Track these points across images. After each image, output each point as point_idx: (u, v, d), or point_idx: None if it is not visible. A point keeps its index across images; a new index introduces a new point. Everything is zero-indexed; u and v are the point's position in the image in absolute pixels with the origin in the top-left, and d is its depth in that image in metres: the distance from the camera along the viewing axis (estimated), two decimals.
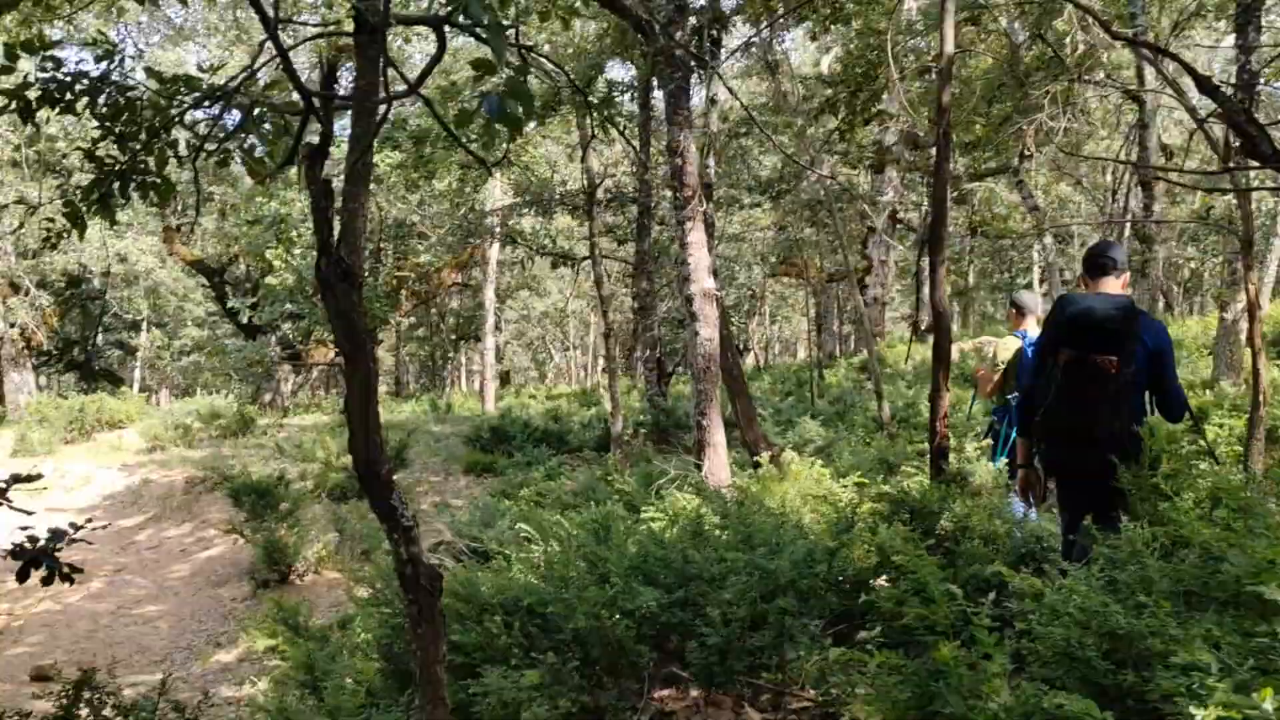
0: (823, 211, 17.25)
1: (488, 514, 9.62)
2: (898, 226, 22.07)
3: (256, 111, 3.70)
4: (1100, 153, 23.68)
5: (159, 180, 3.97)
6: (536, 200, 16.47)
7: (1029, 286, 34.97)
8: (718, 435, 7.19)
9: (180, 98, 3.84)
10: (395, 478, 3.10)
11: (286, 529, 10.94)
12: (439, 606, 3.11)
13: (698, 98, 11.57)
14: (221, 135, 3.99)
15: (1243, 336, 10.24)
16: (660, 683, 4.18)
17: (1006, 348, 6.40)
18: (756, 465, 7.74)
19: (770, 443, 8.59)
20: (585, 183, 13.99)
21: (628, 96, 15.21)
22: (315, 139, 3.04)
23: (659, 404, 14.28)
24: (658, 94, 15.10)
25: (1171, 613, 2.34)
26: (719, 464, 7.10)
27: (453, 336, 37.19)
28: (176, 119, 3.85)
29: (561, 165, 24.41)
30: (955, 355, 16.09)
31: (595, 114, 9.83)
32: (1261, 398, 6.13)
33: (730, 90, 10.37)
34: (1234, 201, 7.91)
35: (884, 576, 4.81)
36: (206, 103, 3.84)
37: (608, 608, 3.94)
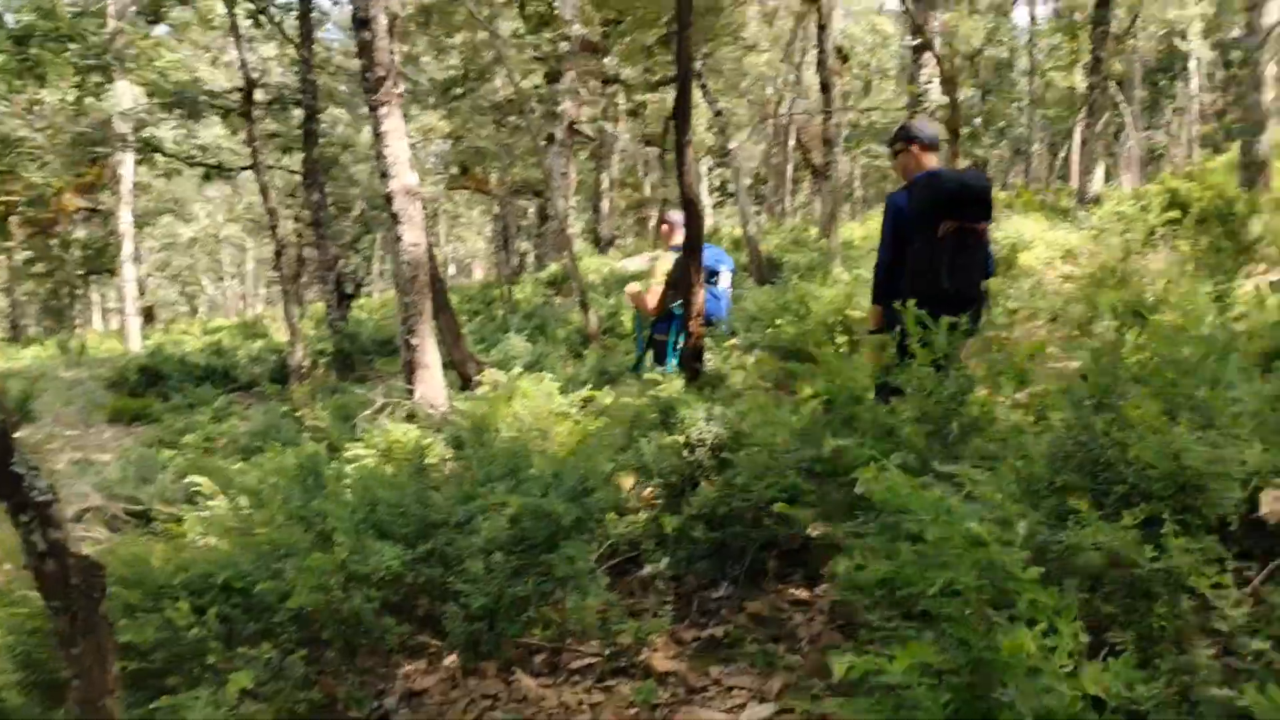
0: (511, 116, 16.37)
1: (145, 467, 8.26)
2: (576, 138, 21.73)
3: None
4: (762, 67, 24.64)
5: None
6: (179, 102, 14.18)
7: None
8: (431, 355, 6.33)
9: None
10: (18, 435, 2.11)
11: None
12: (102, 613, 2.13)
13: None
14: None
15: None
16: (408, 655, 3.39)
17: (666, 261, 6.74)
18: (466, 386, 7.08)
19: (480, 361, 7.86)
20: (242, 80, 12.14)
21: None
22: None
23: (341, 329, 12.97)
24: None
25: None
26: (435, 387, 6.25)
27: (81, 271, 32.81)
28: None
29: (204, 73, 21.57)
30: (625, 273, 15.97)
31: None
32: None
33: None
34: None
35: (648, 490, 4.32)
36: None
37: (336, 575, 3.09)
